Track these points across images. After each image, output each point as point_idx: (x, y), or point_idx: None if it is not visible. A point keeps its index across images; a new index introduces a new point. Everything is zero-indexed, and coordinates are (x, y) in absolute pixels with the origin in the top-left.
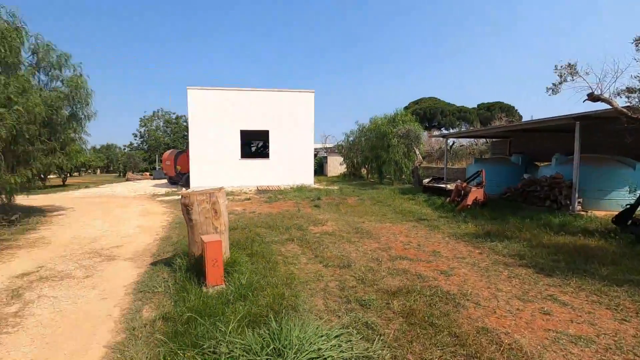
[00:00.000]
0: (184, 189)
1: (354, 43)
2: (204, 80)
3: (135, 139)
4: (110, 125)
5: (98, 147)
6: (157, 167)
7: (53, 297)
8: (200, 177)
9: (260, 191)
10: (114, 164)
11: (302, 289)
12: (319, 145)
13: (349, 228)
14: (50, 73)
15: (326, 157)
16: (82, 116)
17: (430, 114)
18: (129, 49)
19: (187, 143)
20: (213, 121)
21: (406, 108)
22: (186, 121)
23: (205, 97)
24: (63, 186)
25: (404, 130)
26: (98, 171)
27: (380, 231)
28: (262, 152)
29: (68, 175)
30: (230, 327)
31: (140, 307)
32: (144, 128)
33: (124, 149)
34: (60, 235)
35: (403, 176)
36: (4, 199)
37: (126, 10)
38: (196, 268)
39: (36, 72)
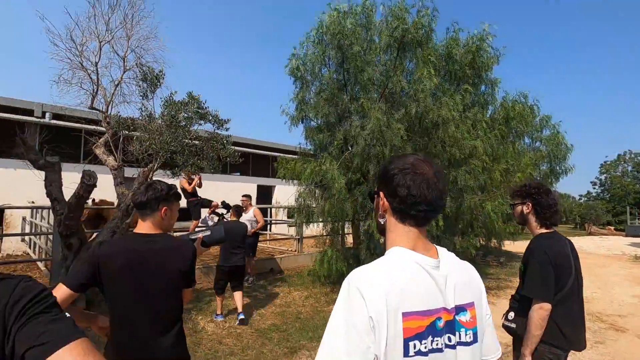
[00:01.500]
0: None
1: None
2: None
3: (594, 188)
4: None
5: None
6: (629, 220)
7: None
8: None
9: None
10: (568, 215)
11: None
12: None
13: None
14: (533, 136)
15: None
16: (560, 171)
17: None
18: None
19: None
20: None
21: None
22: None
23: None
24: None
25: None
26: None
27: None
28: None
29: None
30: None
31: None
32: (605, 175)
33: (580, 199)
34: None
35: None
36: (496, 244)
37: None
38: None
39: (523, 136)
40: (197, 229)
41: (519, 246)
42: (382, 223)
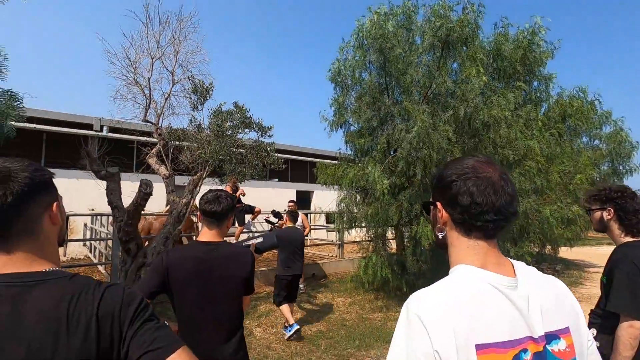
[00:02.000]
0: None
1: None
2: None
3: None
4: None
5: None
6: None
7: None
8: None
9: None
10: None
11: None
12: None
13: None
14: (591, 133)
15: None
16: (623, 171)
17: None
18: None
19: None
20: None
21: None
22: None
23: None
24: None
25: None
26: None
27: None
28: None
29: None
30: None
31: None
32: None
33: None
34: None
35: None
36: (551, 250)
37: None
38: None
39: (581, 134)
40: (244, 235)
41: (576, 253)
42: (441, 237)
